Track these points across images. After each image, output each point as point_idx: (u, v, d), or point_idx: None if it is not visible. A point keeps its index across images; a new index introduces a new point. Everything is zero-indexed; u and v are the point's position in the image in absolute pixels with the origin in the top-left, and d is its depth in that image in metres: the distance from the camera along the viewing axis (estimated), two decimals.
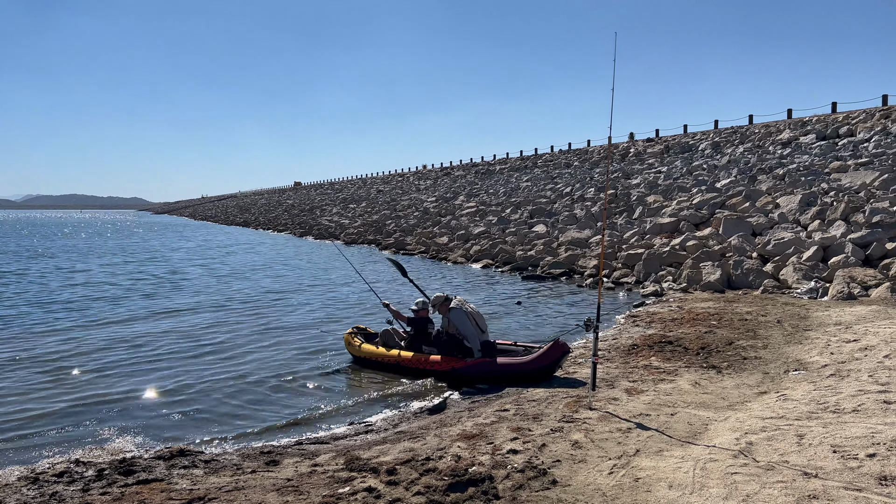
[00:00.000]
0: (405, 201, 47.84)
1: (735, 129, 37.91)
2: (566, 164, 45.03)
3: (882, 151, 22.54)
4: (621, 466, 4.74)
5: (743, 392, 6.72)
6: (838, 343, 8.35)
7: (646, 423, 5.70)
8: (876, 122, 27.78)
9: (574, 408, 6.28)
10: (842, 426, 5.10)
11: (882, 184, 18.14)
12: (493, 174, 52.03)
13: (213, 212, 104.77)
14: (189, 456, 5.50)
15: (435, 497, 4.38)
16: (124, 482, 4.90)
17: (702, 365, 7.90)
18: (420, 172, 72.60)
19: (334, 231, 41.15)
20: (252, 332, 11.43)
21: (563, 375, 7.87)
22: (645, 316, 11.55)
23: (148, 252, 31.86)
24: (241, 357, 9.64)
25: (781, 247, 15.22)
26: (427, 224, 33.92)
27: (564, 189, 33.03)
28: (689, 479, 4.35)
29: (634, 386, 7.02)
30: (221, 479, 4.97)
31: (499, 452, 5.15)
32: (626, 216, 23.44)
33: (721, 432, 5.34)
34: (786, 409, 5.78)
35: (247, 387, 8.09)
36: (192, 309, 14.03)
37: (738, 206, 19.72)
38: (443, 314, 8.41)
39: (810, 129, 30.59)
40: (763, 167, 25.19)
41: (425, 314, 8.87)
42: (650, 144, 41.38)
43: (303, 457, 5.48)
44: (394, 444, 5.65)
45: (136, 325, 12.06)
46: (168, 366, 9.11)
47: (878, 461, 4.31)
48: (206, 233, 53.53)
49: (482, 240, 25.60)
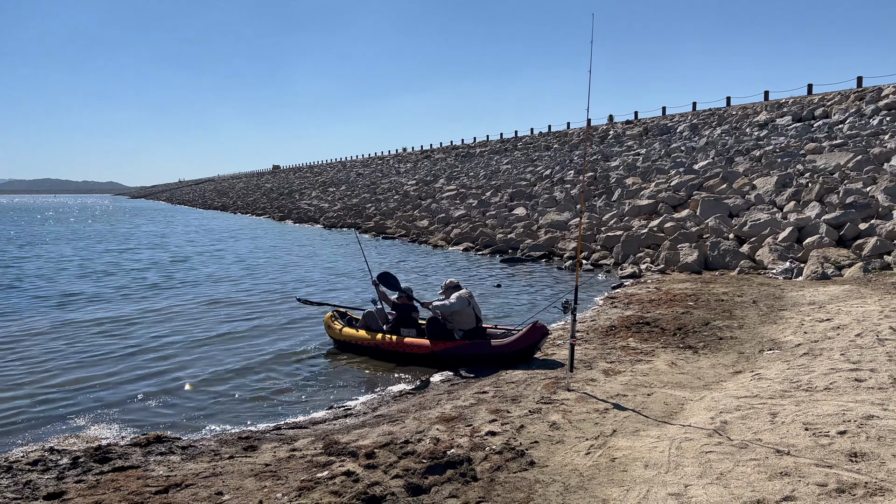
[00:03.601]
0: (385, 184, 47.62)
1: (713, 110, 38.10)
2: (546, 147, 45.04)
3: (856, 133, 22.79)
4: (598, 446, 4.79)
5: (718, 372, 6.81)
6: (812, 322, 8.47)
7: (623, 404, 5.75)
8: (850, 104, 28.07)
9: (552, 389, 6.32)
10: (814, 404, 5.18)
11: (856, 165, 18.36)
12: (474, 157, 51.92)
13: (191, 196, 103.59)
14: (166, 442, 5.46)
15: (413, 480, 4.39)
16: (100, 469, 4.85)
17: (678, 345, 7.99)
18: (400, 155, 72.26)
19: (314, 215, 40.90)
20: (230, 317, 11.35)
21: (542, 357, 7.91)
22: (623, 297, 11.63)
23: (124, 237, 31.46)
24: (219, 343, 9.57)
25: (757, 228, 15.38)
26: (407, 207, 33.82)
27: (544, 172, 33.05)
28: (664, 459, 4.41)
29: (612, 367, 7.08)
30: (199, 465, 4.94)
31: (477, 434, 5.17)
32: (605, 198, 23.54)
33: (696, 412, 5.41)
34: (760, 388, 5.86)
35: (225, 372, 8.04)
36: (166, 295, 13.90)
37: (715, 188, 19.88)
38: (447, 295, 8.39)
39: (786, 111, 30.83)
40: (740, 149, 25.39)
41: (405, 300, 8.84)
42: (629, 126, 41.49)
43: (281, 442, 5.47)
44: (373, 428, 5.65)
45: (113, 312, 11.91)
46: (145, 352, 9.02)
47: (848, 438, 4.39)
48: (181, 218, 52.94)
49: (462, 223, 25.60)
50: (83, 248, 25.35)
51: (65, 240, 29.79)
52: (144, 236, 31.82)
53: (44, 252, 23.57)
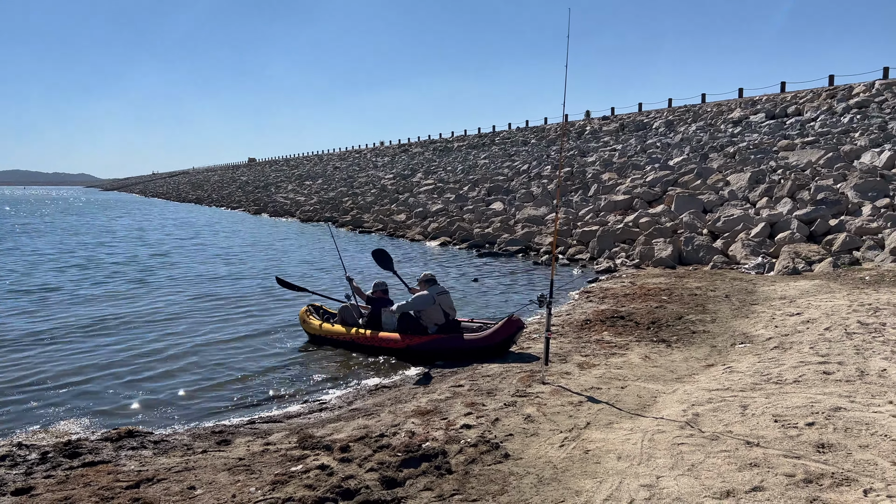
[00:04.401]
0: (362, 178, 47.43)
1: (688, 107, 38.49)
2: (523, 142, 45.17)
3: (827, 130, 23.18)
4: (572, 439, 4.82)
5: (691, 365, 6.89)
6: (782, 316, 8.61)
7: (597, 397, 5.80)
8: (822, 102, 28.52)
9: (527, 382, 6.35)
10: (783, 396, 5.27)
11: (826, 162, 18.67)
12: (452, 151, 51.90)
13: (165, 189, 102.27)
14: (138, 437, 5.40)
15: (388, 473, 4.38)
16: (69, 465, 4.78)
17: (652, 339, 8.07)
18: (378, 149, 72.01)
19: (290, 208, 40.61)
20: (204, 311, 11.24)
21: (518, 350, 7.95)
22: (598, 291, 11.72)
23: (100, 230, 30.98)
24: (194, 336, 9.47)
25: (731, 223, 15.58)
26: (384, 201, 33.72)
27: (522, 167, 33.15)
28: (637, 451, 4.45)
29: (587, 360, 7.14)
30: (171, 459, 4.89)
31: (452, 428, 5.18)
32: (581, 194, 23.68)
33: (669, 404, 5.47)
34: (731, 381, 5.94)
35: (199, 366, 7.96)
36: (142, 289, 13.72)
37: (689, 184, 20.09)
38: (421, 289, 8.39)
39: (760, 109, 31.24)
40: (714, 145, 25.69)
41: (381, 294, 8.83)
42: (606, 122, 41.76)
43: (255, 436, 5.43)
44: (348, 422, 5.64)
45: (87, 306, 11.73)
46: (118, 347, 8.89)
47: (816, 429, 4.47)
48: (156, 211, 52.27)
49: (440, 217, 25.58)
50: (58, 241, 24.87)
51: (39, 233, 29.22)
52: (121, 230, 31.33)
53: (18, 245, 23.12)
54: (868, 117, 23.76)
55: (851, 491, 3.59)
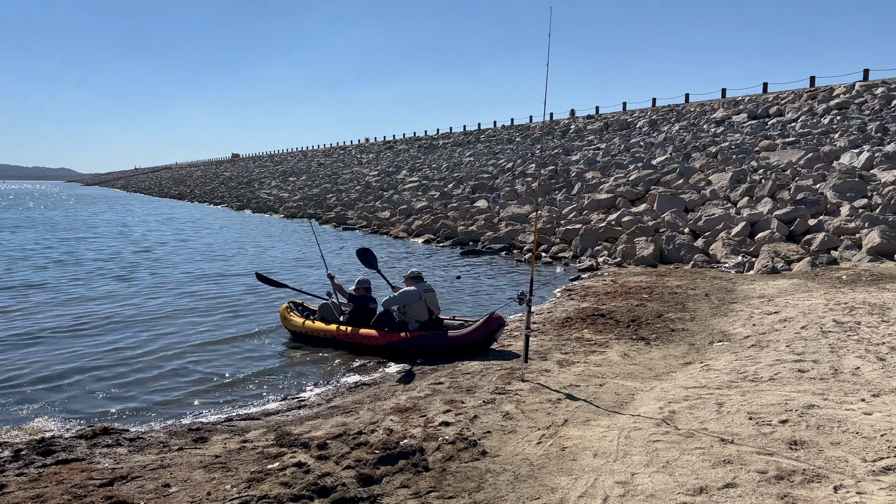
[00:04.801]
0: (347, 175, 47.29)
1: (672, 107, 38.73)
2: (508, 140, 45.23)
3: (808, 131, 23.42)
4: (549, 436, 4.84)
5: (669, 363, 6.94)
6: (760, 315, 8.70)
7: (575, 394, 5.83)
8: (803, 103, 28.81)
9: (507, 380, 6.37)
10: (758, 394, 5.32)
11: (807, 162, 18.87)
12: (437, 149, 51.86)
13: (147, 184, 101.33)
14: (113, 434, 5.35)
15: (365, 470, 4.38)
16: (42, 462, 4.73)
17: (632, 337, 8.12)
18: (362, 146, 71.81)
19: (273, 205, 40.42)
20: (184, 308, 11.15)
21: (499, 348, 7.96)
22: (580, 289, 11.77)
23: (81, 227, 30.64)
24: (173, 333, 9.39)
25: (712, 222, 15.71)
26: (369, 198, 33.64)
27: (506, 165, 33.21)
28: (613, 448, 4.48)
29: (566, 358, 7.17)
30: (146, 457, 4.85)
31: (431, 425, 5.18)
32: (565, 192, 23.76)
33: (646, 402, 5.51)
34: (708, 379, 5.99)
35: (178, 363, 7.90)
36: (122, 285, 13.59)
37: (672, 183, 20.22)
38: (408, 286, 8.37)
39: (742, 109, 31.50)
40: (697, 145, 25.88)
41: (363, 292, 8.81)
42: (590, 121, 41.91)
43: (233, 433, 5.40)
44: (326, 419, 5.62)
45: (65, 302, 11.60)
46: (97, 344, 8.80)
47: (789, 427, 4.52)
48: (139, 207, 51.79)
49: (424, 214, 25.57)
50: (40, 237, 24.47)
51: (20, 228, 28.76)
52: (103, 225, 30.96)
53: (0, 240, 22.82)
54: (848, 118, 24.04)
55: (822, 487, 3.64)
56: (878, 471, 3.79)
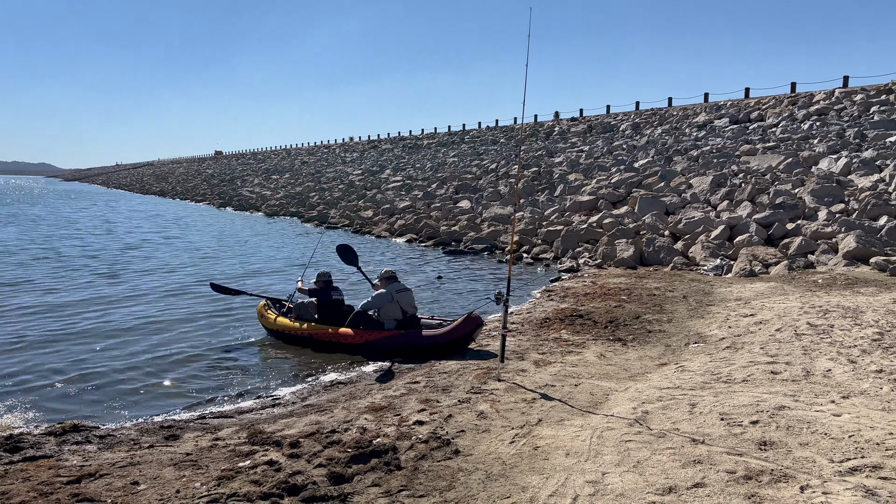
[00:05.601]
0: (330, 173, 47.11)
1: (655, 110, 38.97)
2: (493, 141, 45.29)
3: (788, 136, 23.67)
4: (523, 435, 4.85)
5: (645, 364, 6.98)
6: (736, 317, 8.77)
7: (550, 394, 5.84)
8: (784, 109, 29.12)
9: (483, 379, 6.37)
10: (731, 395, 5.36)
11: (786, 167, 19.07)
12: (421, 149, 51.81)
13: (128, 180, 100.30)
14: (83, 432, 5.28)
15: (336, 469, 4.36)
16: (9, 459, 4.66)
17: (609, 338, 8.15)
18: (347, 145, 71.57)
19: (255, 202, 40.16)
20: (159, 304, 11.05)
21: (477, 348, 7.97)
22: (560, 290, 11.80)
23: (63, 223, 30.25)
24: (147, 330, 9.30)
25: (692, 225, 15.83)
26: (352, 197, 33.53)
27: (490, 165, 33.24)
28: (585, 447, 4.49)
29: (543, 358, 7.18)
30: (116, 454, 4.79)
31: (405, 424, 5.17)
32: (547, 193, 23.83)
33: (620, 402, 5.53)
34: (682, 380, 6.03)
35: (152, 361, 7.82)
36: (100, 282, 13.44)
37: (653, 186, 20.35)
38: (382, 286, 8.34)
39: (724, 113, 31.77)
40: (679, 148, 26.06)
41: (322, 284, 8.78)
42: (574, 124, 42.08)
43: (205, 431, 5.36)
44: (300, 418, 5.59)
45: (40, 299, 11.44)
46: (70, 339, 8.70)
47: (760, 427, 4.56)
48: (121, 203, 51.24)
49: (407, 214, 25.53)
50: (20, 232, 24.06)
51: (1, 223, 28.27)
52: (87, 221, 30.54)
53: None
54: (827, 124, 24.33)
55: (789, 487, 3.67)
56: (845, 471, 3.83)
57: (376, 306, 8.12)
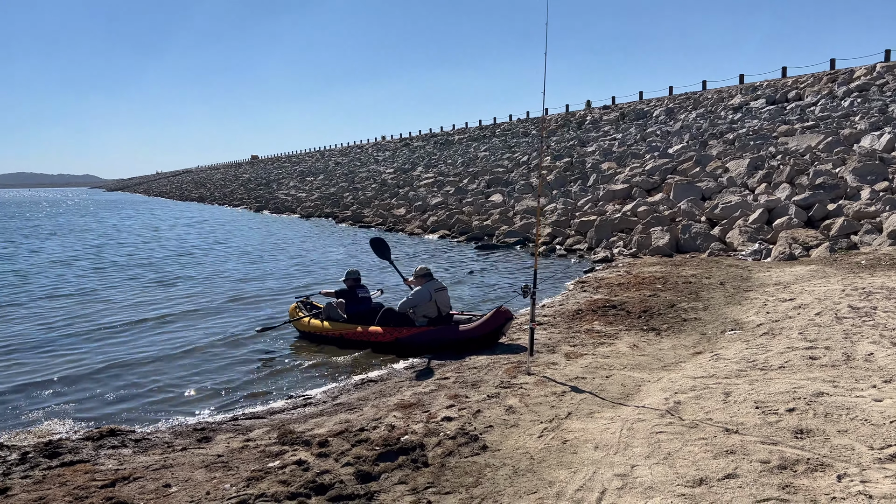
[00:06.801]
0: (363, 173, 47.37)
1: (689, 95, 38.23)
2: (524, 133, 45.00)
3: (827, 115, 22.98)
4: (551, 429, 4.78)
5: (679, 353, 6.83)
6: (775, 302, 8.54)
7: (580, 387, 5.76)
8: (823, 86, 28.28)
9: (513, 374, 6.31)
10: (767, 383, 5.21)
11: (826, 146, 18.51)
12: (452, 144, 51.76)
13: (168, 188, 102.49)
14: (119, 436, 5.38)
15: (364, 467, 4.35)
16: (48, 465, 4.77)
17: (642, 328, 8.01)
18: (379, 144, 71.90)
19: (291, 205, 40.61)
20: (194, 309, 11.23)
21: (507, 342, 7.91)
22: (593, 281, 11.65)
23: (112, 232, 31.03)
24: (183, 334, 9.47)
25: (729, 210, 15.47)
26: (385, 196, 33.66)
27: (521, 158, 33.03)
28: (614, 440, 4.41)
29: (574, 350, 7.09)
30: (150, 457, 4.87)
31: (433, 420, 5.15)
32: (580, 184, 23.57)
33: (652, 393, 5.42)
34: (717, 369, 5.89)
35: (188, 364, 7.95)
36: (126, 287, 13.73)
37: (688, 171, 19.96)
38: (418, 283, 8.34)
39: (760, 94, 31.01)
40: (714, 132, 25.51)
41: (353, 283, 8.83)
42: (606, 112, 41.55)
43: (236, 432, 5.41)
44: (330, 417, 5.62)
45: (74, 304, 11.75)
46: (107, 346, 8.90)
47: (796, 415, 4.42)
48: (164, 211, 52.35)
49: (439, 210, 25.52)
50: (71, 243, 24.54)
51: (53, 235, 28.85)
52: (136, 229, 31.13)
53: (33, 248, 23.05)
54: (868, 100, 23.55)
55: (825, 476, 3.54)
56: (885, 458, 3.68)
57: (416, 304, 8.09)
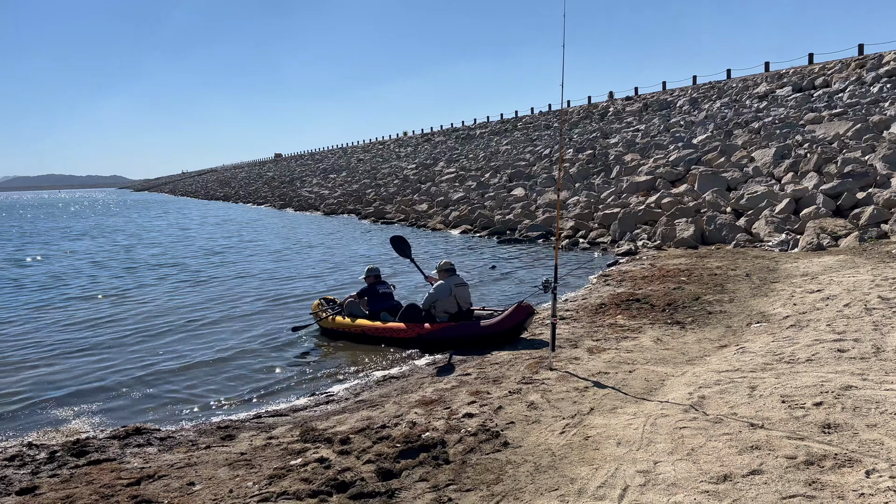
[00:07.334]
0: (385, 169, 47.48)
1: (713, 84, 37.68)
2: (546, 126, 44.73)
3: (856, 101, 22.50)
4: (573, 425, 4.74)
5: (704, 346, 6.74)
6: (802, 294, 8.38)
7: (603, 382, 5.70)
8: (851, 72, 27.69)
9: (535, 369, 6.27)
10: (794, 376, 5.12)
11: (855, 133, 18.13)
12: (474, 138, 51.64)
13: (194, 187, 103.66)
14: (144, 434, 5.45)
15: (385, 464, 4.36)
16: (75, 463, 4.84)
17: (666, 321, 7.92)
18: (400, 139, 71.98)
19: (314, 202, 40.85)
20: (220, 309, 11.33)
21: (529, 337, 7.87)
22: (616, 275, 11.55)
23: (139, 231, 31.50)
24: (208, 332, 9.55)
25: (755, 200, 15.24)
26: (407, 191, 33.70)
27: (543, 151, 32.85)
28: (637, 436, 4.36)
29: (597, 345, 7.03)
30: (175, 455, 4.93)
31: (454, 417, 5.14)
32: (603, 176, 23.37)
33: (676, 387, 5.35)
34: (742, 362, 5.79)
35: (212, 362, 8.02)
36: (155, 285, 13.90)
37: (713, 162, 19.69)
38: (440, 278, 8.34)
39: (787, 82, 30.47)
40: (739, 121, 25.12)
41: (374, 280, 8.85)
42: (629, 103, 41.13)
43: (259, 430, 5.45)
44: (352, 414, 5.63)
45: (105, 305, 11.91)
46: (134, 345, 9.01)
47: (823, 409, 4.33)
48: (191, 210, 52.99)
49: (461, 205, 25.48)
50: (105, 243, 24.98)
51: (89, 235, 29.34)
52: (165, 229, 31.52)
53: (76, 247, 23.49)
54: None
55: (853, 472, 3.46)
56: None
57: (436, 299, 8.09)
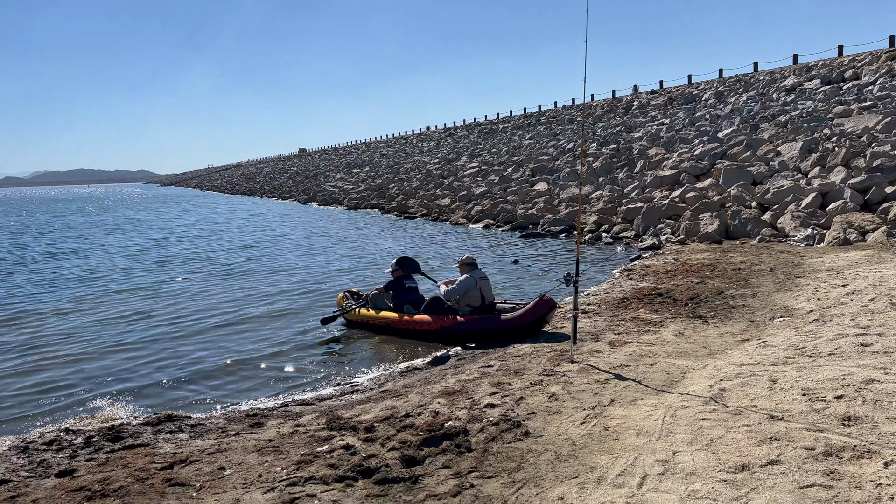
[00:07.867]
0: (408, 164, 47.65)
1: (739, 77, 37.23)
2: (569, 120, 44.54)
3: (886, 94, 22.12)
4: (594, 416, 4.81)
5: (726, 340, 6.76)
6: (826, 288, 8.34)
7: (624, 374, 5.76)
8: (882, 65, 27.20)
9: (556, 361, 6.35)
10: (815, 370, 5.13)
11: (884, 127, 17.85)
12: (497, 133, 51.58)
13: (219, 182, 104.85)
14: (176, 421, 5.62)
15: (409, 452, 4.47)
16: (111, 448, 5.02)
17: (688, 315, 7.93)
18: (423, 134, 72.10)
19: (338, 197, 41.15)
20: (246, 299, 11.54)
21: (551, 330, 7.94)
22: (640, 269, 11.55)
23: (170, 226, 32.02)
24: (236, 324, 9.76)
25: (780, 195, 15.10)
26: (429, 186, 33.82)
27: (566, 145, 32.74)
28: (657, 427, 4.42)
29: (619, 338, 7.08)
30: (205, 441, 5.09)
31: (476, 407, 5.23)
32: (627, 170, 23.27)
33: (697, 380, 5.40)
34: (764, 356, 5.81)
35: (240, 353, 8.21)
36: (187, 279, 14.17)
37: (739, 156, 19.52)
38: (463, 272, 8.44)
39: (815, 75, 30.01)
40: (766, 115, 24.82)
41: (399, 274, 8.97)
42: (654, 96, 40.79)
43: (287, 418, 5.59)
44: (377, 403, 5.75)
45: (138, 298, 12.19)
46: (165, 335, 9.24)
47: (844, 402, 4.35)
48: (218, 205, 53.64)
49: (483, 200, 25.54)
50: (135, 237, 25.42)
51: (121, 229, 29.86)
52: (196, 223, 31.91)
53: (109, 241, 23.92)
54: None
55: (872, 463, 3.50)
56: None
57: (461, 292, 8.18)
